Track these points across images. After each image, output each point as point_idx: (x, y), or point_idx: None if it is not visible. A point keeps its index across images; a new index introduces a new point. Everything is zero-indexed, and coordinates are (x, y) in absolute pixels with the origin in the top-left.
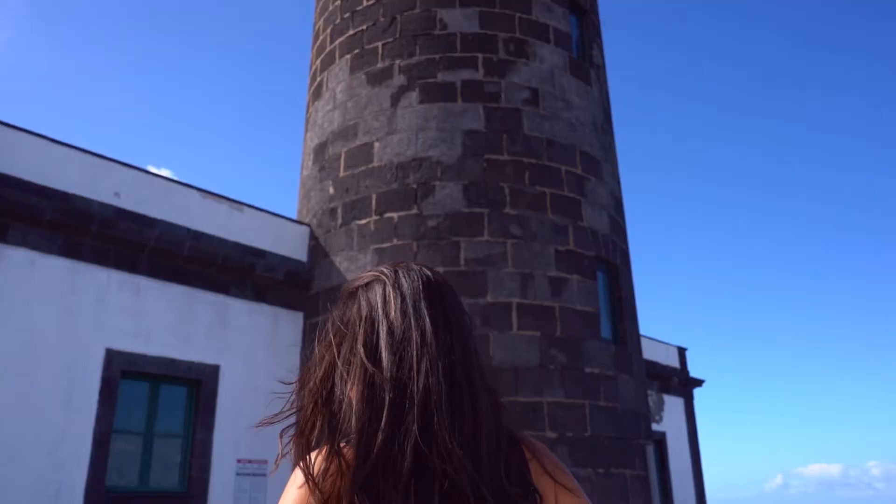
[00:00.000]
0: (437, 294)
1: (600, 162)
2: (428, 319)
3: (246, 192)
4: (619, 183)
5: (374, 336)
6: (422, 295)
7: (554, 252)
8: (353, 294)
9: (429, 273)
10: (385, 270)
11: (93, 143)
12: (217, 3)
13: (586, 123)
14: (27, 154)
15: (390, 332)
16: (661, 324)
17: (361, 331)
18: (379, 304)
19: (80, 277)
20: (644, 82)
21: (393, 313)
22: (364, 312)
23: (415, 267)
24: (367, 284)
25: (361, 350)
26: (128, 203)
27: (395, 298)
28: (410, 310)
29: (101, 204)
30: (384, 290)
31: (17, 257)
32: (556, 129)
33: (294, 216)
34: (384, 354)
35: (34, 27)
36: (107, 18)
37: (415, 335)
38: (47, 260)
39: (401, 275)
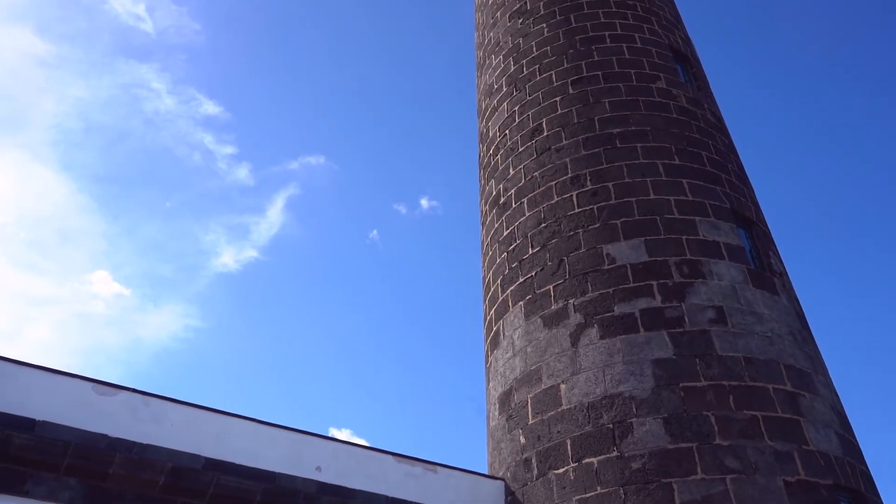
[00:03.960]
0: None
1: (810, 374)
2: None
3: (425, 446)
4: (837, 396)
5: None
6: None
7: (783, 484)
8: None
9: None
10: None
11: (275, 412)
12: (385, 264)
13: (783, 335)
14: (237, 437)
15: None
16: None
17: None
18: None
19: None
20: (841, 283)
21: None
22: None
23: None
24: None
25: None
26: (328, 476)
27: None
28: None
29: (305, 480)
30: None
31: None
32: (751, 346)
33: (484, 470)
34: None
35: (229, 313)
36: (280, 297)
37: None
38: None
39: None
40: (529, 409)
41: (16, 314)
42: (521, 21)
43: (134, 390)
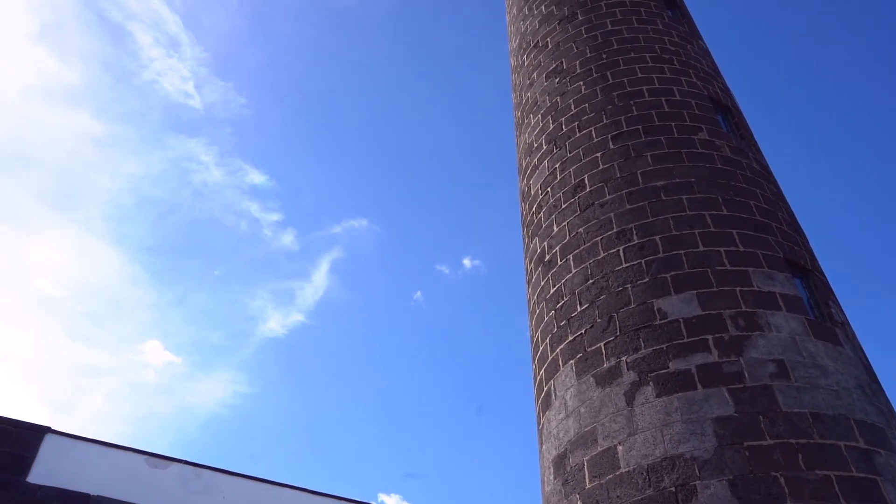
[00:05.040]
0: None
1: (883, 429)
2: None
3: None
4: None
5: None
6: None
7: None
8: None
9: None
10: None
11: (323, 478)
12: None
13: (851, 388)
14: None
15: None
16: None
17: None
18: None
19: None
20: None
21: None
22: None
23: None
24: None
25: None
26: None
27: None
28: None
29: None
30: None
31: None
32: (817, 401)
33: None
34: None
35: (276, 379)
36: (323, 362)
37: None
38: None
39: None
40: (586, 473)
41: (72, 385)
42: (557, 80)
43: (185, 462)
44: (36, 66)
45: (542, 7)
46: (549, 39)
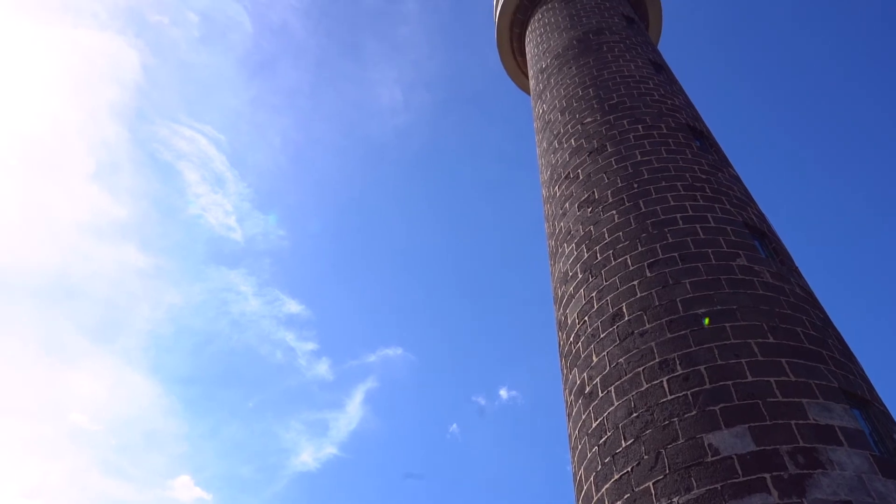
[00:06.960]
0: None
1: None
2: None
3: None
4: None
5: None
6: None
7: None
8: None
9: None
10: None
11: None
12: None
13: None
14: None
15: None
16: None
17: None
18: None
19: None
20: None
21: None
22: None
23: None
24: None
25: None
26: None
27: None
28: None
29: None
30: None
31: None
32: None
33: None
34: None
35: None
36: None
37: None
38: None
39: None
40: None
41: None
42: (590, 210)
43: None
44: (89, 203)
45: (572, 140)
46: (580, 171)
